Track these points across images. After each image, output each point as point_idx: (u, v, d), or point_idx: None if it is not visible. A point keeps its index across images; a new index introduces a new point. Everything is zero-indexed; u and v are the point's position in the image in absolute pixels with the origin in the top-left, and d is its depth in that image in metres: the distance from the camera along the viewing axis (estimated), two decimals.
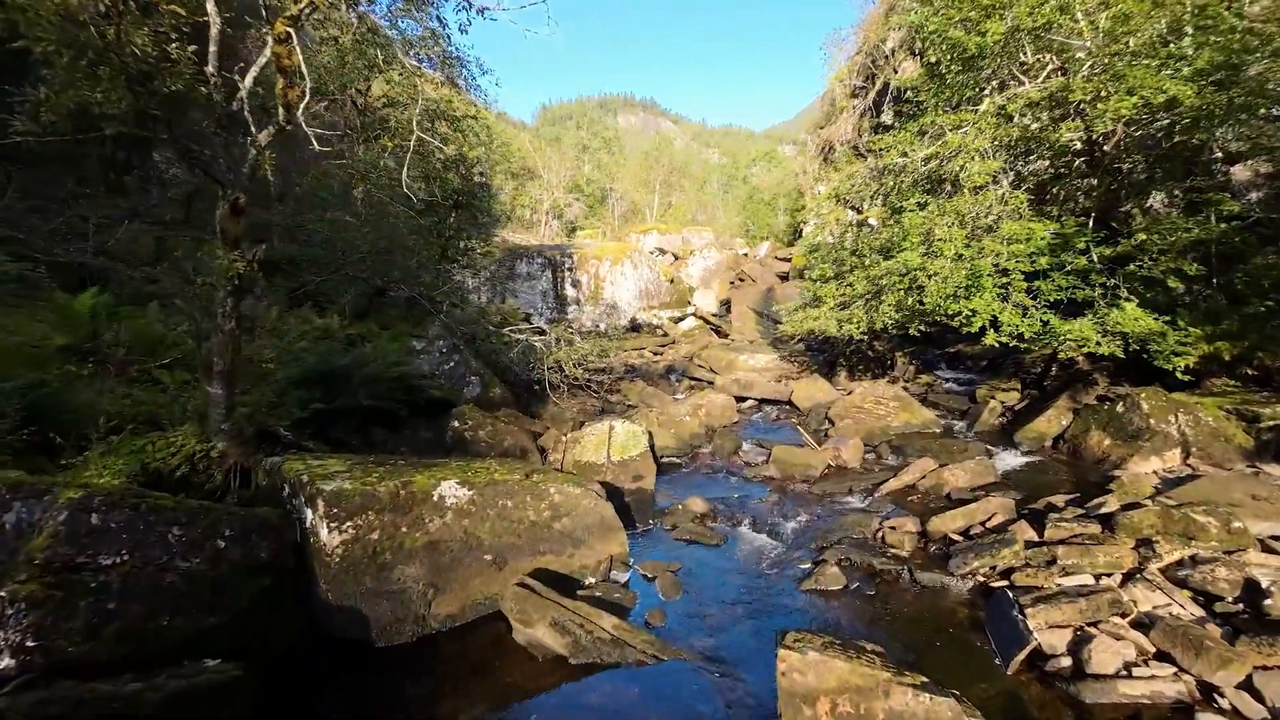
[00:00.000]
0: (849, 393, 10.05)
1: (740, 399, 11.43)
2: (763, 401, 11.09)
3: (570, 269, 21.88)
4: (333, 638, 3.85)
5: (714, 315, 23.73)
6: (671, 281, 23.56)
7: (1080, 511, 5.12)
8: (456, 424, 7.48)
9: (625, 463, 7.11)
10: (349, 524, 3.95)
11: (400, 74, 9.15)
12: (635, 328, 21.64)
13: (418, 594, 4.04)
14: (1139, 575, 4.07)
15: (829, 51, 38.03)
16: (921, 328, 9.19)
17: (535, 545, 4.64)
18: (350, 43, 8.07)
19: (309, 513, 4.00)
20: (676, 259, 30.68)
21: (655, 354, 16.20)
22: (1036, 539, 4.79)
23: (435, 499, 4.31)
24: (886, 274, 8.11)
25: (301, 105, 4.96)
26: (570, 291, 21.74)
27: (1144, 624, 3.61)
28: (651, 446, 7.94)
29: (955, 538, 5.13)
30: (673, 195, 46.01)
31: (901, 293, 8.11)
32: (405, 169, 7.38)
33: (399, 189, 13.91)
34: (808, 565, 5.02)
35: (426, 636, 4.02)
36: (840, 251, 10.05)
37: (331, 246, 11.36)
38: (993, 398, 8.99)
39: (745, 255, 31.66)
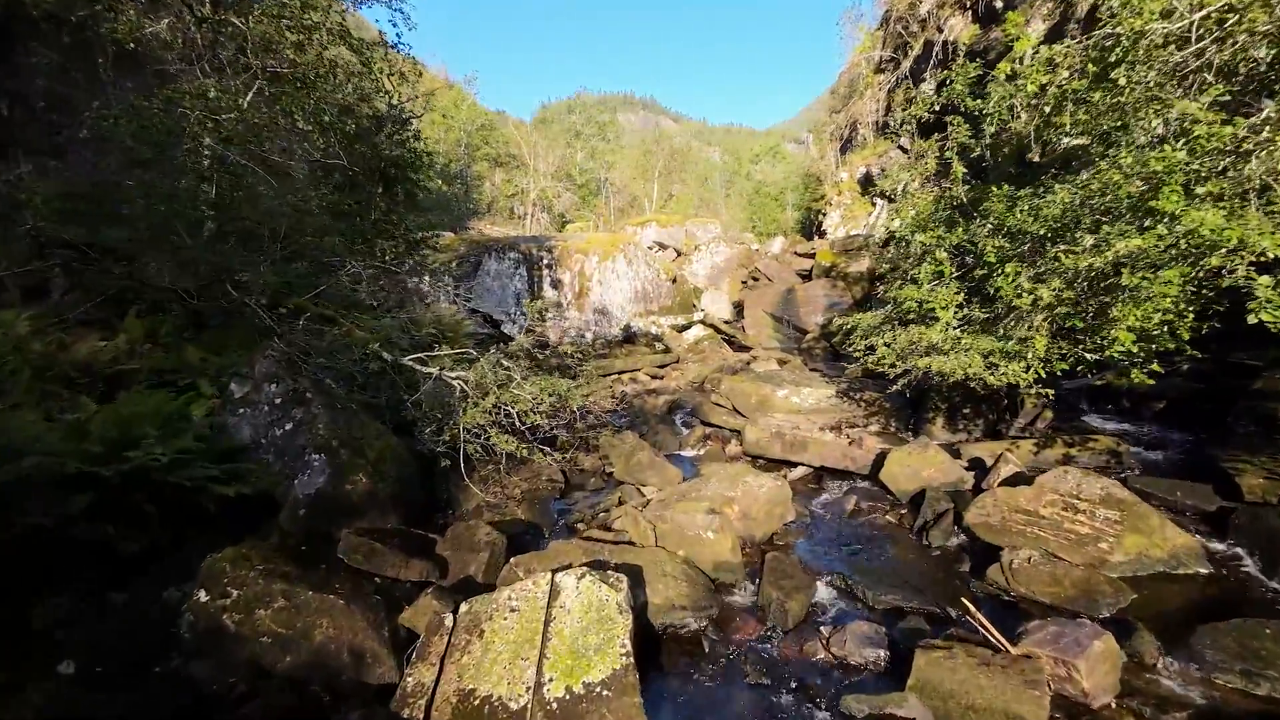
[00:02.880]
0: (987, 467, 5.93)
1: (786, 464, 7.29)
2: (823, 472, 6.97)
3: (550, 266, 17.77)
4: None
5: (726, 323, 19.62)
6: (674, 281, 19.45)
7: None
8: (203, 596, 3.35)
9: (576, 703, 3.01)
10: None
11: None
12: (630, 338, 17.53)
13: None
14: None
15: (845, 29, 34.14)
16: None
17: None
18: None
19: None
20: (679, 255, 26.56)
21: (654, 378, 12.09)
22: None
23: None
24: (1138, 261, 3.98)
25: None
26: (550, 294, 17.63)
27: None
28: (640, 616, 3.90)
29: None
30: (674, 187, 41.87)
31: (1178, 296, 3.98)
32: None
33: (283, 143, 9.72)
34: None
35: None
36: (974, 234, 5.85)
37: (150, 225, 7.22)
38: None
39: (757, 251, 27.53)
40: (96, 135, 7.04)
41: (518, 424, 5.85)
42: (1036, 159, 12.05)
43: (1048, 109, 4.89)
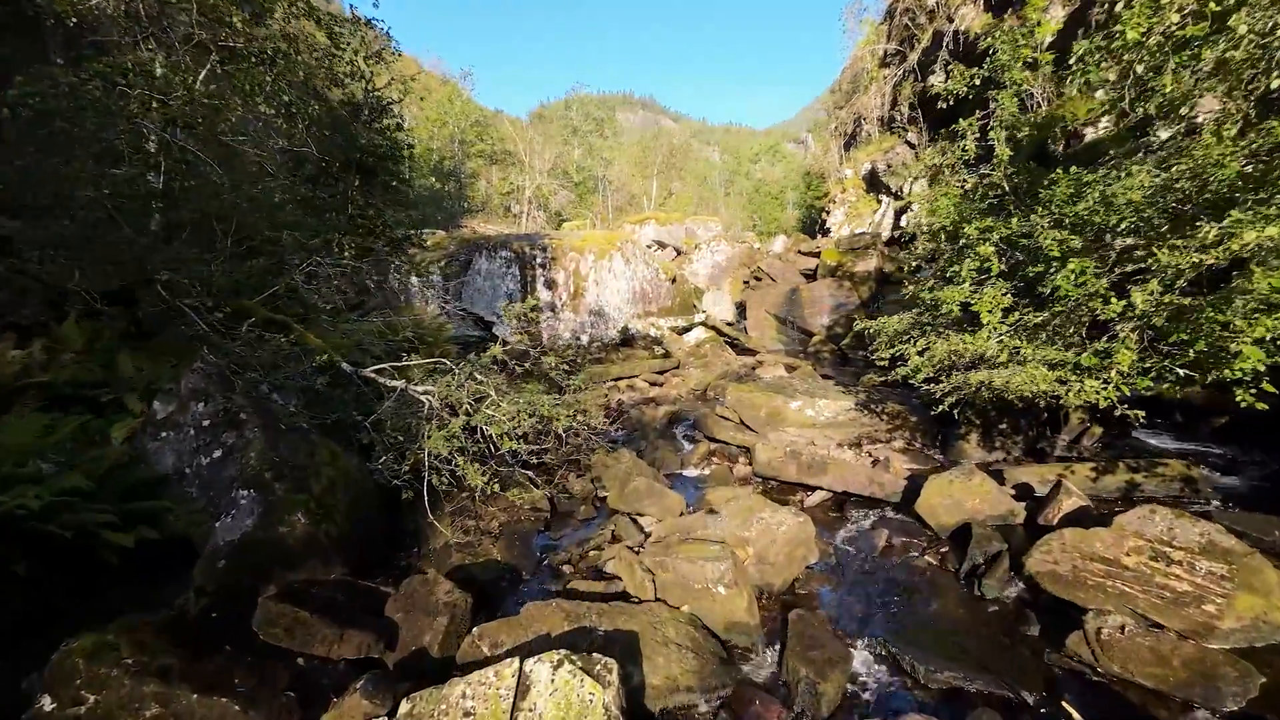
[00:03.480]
0: (1038, 496, 5.10)
1: (802, 487, 6.45)
2: (846, 497, 6.12)
3: (543, 265, 16.90)
4: None
5: (729, 325, 18.80)
6: (673, 281, 18.61)
7: None
8: (48, 704, 2.50)
9: None
10: None
11: None
12: (627, 340, 16.69)
13: None
14: None
15: (848, 24, 33.29)
16: None
17: None
18: None
19: None
20: (679, 254, 25.73)
21: (653, 385, 11.24)
22: None
23: None
24: (1271, 256, 3.14)
25: None
26: (544, 294, 16.76)
27: None
28: (635, 698, 3.09)
29: None
30: (673, 184, 41.00)
31: None
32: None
33: (247, 129, 8.86)
34: None
35: None
36: (1031, 226, 4.94)
37: (86, 218, 6.35)
38: None
39: (759, 250, 26.69)
40: (32, 116, 6.14)
41: (493, 448, 5.01)
42: (1060, 149, 11.20)
43: (1140, 67, 4.03)
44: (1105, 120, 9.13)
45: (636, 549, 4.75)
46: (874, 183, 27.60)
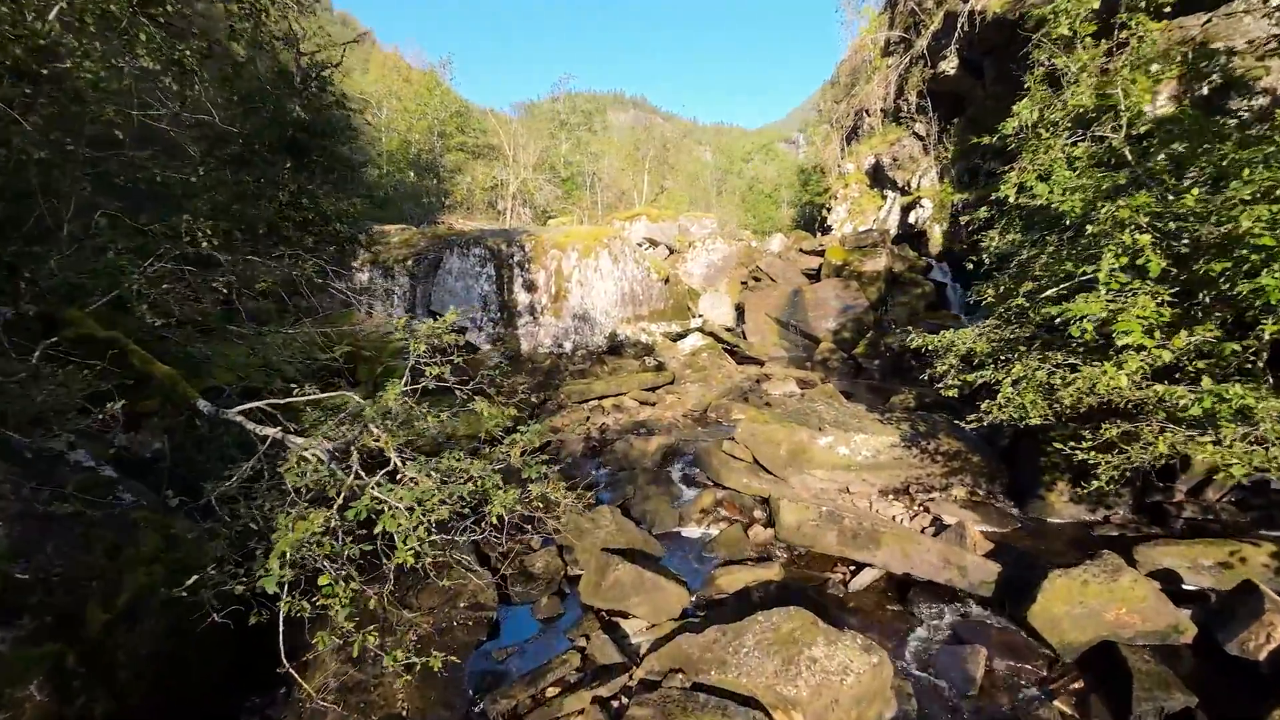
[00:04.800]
0: (1210, 600, 3.45)
1: (846, 563, 4.78)
2: (909, 580, 4.44)
3: (522, 263, 15.14)
4: None
5: (728, 330, 17.17)
6: (666, 281, 16.91)
7: None
8: None
9: None
10: None
11: None
12: (616, 348, 14.98)
13: None
14: None
15: (846, 14, 31.83)
16: None
17: None
18: None
19: None
20: (672, 252, 24.09)
21: (643, 403, 9.53)
22: None
23: None
24: None
25: None
26: (522, 296, 15.00)
27: None
28: None
29: None
30: (665, 181, 39.28)
31: None
32: None
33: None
34: None
35: None
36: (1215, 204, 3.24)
37: None
38: None
39: (756, 248, 25.09)
40: None
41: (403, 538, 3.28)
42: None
43: None
44: None
45: (617, 699, 3.06)
46: (878, 177, 26.04)
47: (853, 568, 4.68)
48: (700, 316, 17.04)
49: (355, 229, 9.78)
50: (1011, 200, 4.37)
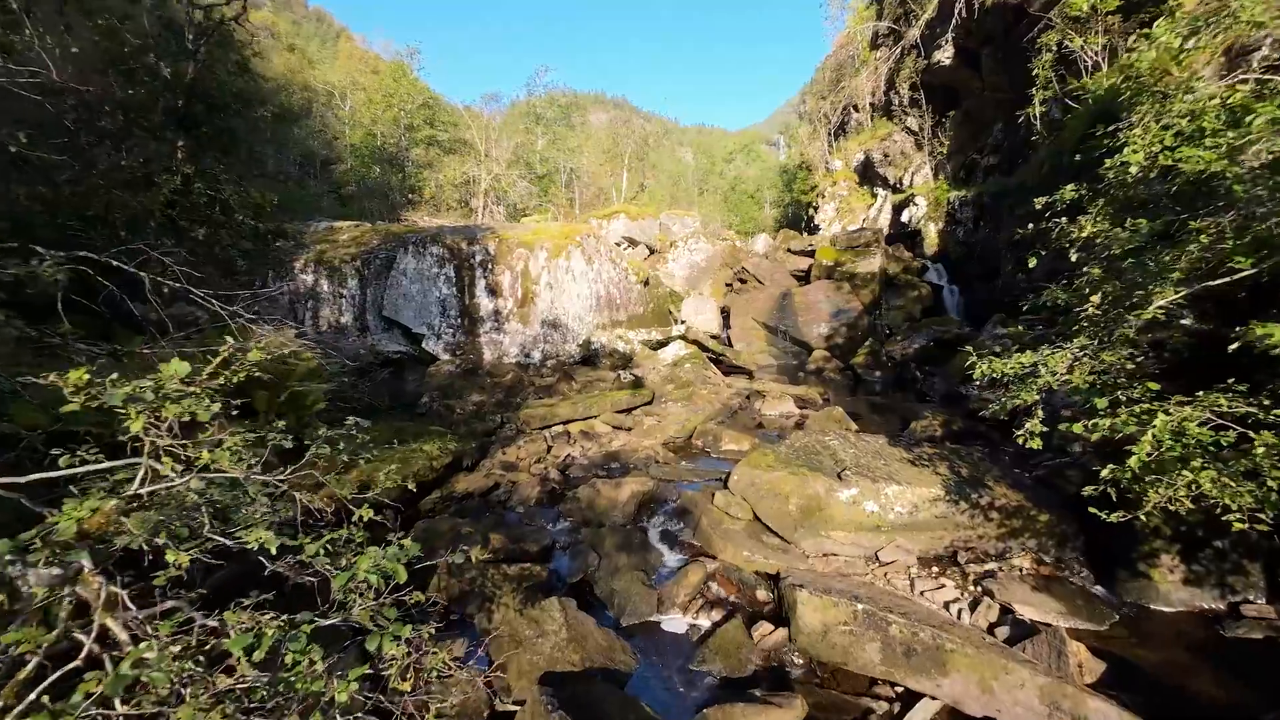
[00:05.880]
0: None
1: (893, 687, 3.37)
2: None
3: (485, 264, 13.57)
4: None
5: (712, 337, 15.79)
6: (646, 283, 15.48)
7: None
8: None
9: None
10: None
11: None
12: (589, 357, 13.51)
13: None
14: None
15: (831, 10, 30.81)
16: None
17: None
18: None
19: None
20: (652, 252, 22.68)
21: (617, 428, 8.07)
22: None
23: None
24: None
25: None
26: (485, 300, 13.42)
27: None
28: None
29: None
30: (646, 178, 37.89)
31: None
32: None
33: None
34: None
35: None
36: None
37: None
38: None
39: (741, 249, 23.81)
40: None
41: None
42: None
43: None
44: None
45: None
46: (868, 174, 24.91)
47: (904, 698, 3.28)
48: (683, 322, 15.63)
49: (271, 224, 8.14)
50: (1132, 172, 3.05)
